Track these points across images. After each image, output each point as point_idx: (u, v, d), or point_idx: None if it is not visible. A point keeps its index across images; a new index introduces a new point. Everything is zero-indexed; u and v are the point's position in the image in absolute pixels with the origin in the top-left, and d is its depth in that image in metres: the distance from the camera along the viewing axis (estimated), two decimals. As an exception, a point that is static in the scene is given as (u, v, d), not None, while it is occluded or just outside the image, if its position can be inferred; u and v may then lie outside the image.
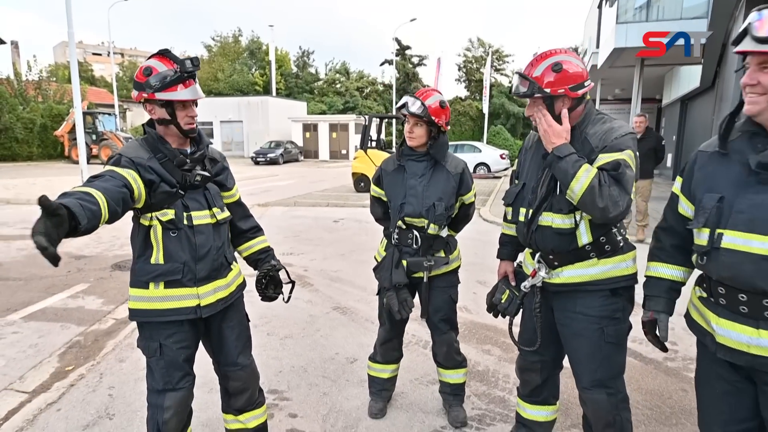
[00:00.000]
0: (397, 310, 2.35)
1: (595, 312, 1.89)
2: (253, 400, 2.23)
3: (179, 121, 1.88)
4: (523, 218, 1.99)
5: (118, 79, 38.67)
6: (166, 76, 1.82)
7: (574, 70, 1.82)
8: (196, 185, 1.92)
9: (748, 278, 1.37)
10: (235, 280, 2.11)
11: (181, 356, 1.94)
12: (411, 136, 2.34)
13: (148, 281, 1.89)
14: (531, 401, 2.28)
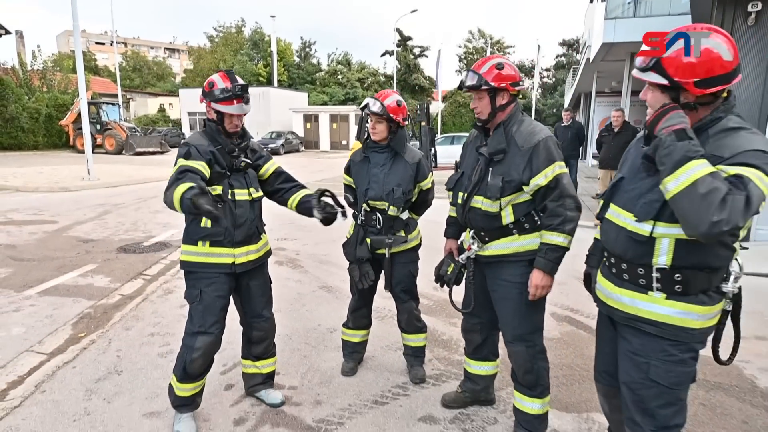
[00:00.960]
0: (358, 280, 2.77)
1: (517, 279, 2.29)
2: (270, 349, 2.80)
3: (225, 125, 2.48)
4: (460, 201, 2.39)
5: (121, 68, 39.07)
6: (215, 93, 2.40)
7: (511, 72, 2.23)
8: (239, 169, 2.50)
9: (611, 244, 1.76)
10: (263, 248, 2.66)
11: (217, 303, 2.46)
12: (374, 132, 2.74)
13: (197, 239, 2.44)
14: (474, 358, 2.69)
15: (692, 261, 1.59)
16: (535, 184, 2.17)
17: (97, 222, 7.99)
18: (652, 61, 1.58)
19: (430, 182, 2.94)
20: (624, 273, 1.72)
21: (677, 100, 1.57)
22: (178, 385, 2.50)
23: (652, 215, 1.59)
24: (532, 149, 2.17)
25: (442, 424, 2.65)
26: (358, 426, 2.62)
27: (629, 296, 1.71)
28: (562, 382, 3.09)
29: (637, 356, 1.69)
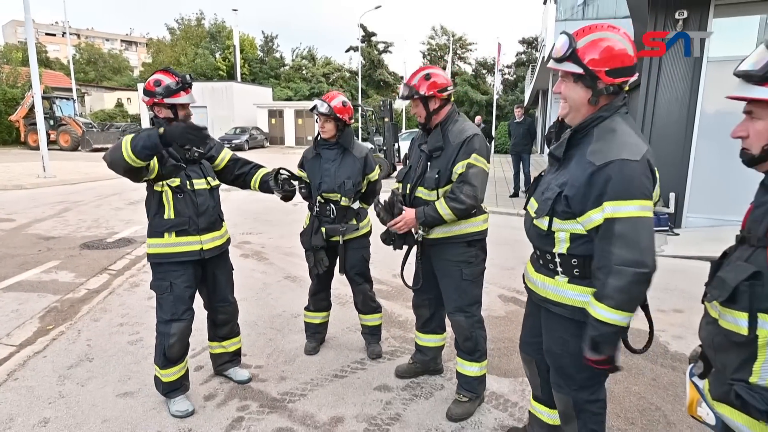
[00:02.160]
0: (314, 266, 3.06)
1: (456, 258, 2.61)
2: (234, 329, 3.02)
3: (179, 115, 2.59)
4: (408, 191, 2.69)
5: (75, 61, 37.58)
6: (170, 86, 2.51)
7: (440, 80, 2.54)
8: (194, 160, 2.64)
9: (527, 232, 2.06)
10: (225, 234, 2.86)
11: (186, 293, 2.65)
12: (323, 131, 3.02)
13: (163, 231, 2.58)
14: (423, 331, 3.01)
15: (583, 251, 1.75)
16: (455, 173, 2.50)
17: (57, 219, 7.92)
18: (569, 50, 1.69)
19: (377, 174, 3.25)
20: (539, 259, 1.97)
21: (594, 88, 1.69)
22: (163, 372, 2.68)
23: (547, 212, 1.77)
24: (460, 144, 2.49)
25: (395, 391, 2.95)
26: (319, 396, 2.89)
27: (542, 280, 1.94)
28: (503, 353, 3.46)
29: (554, 332, 1.94)
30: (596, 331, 1.63)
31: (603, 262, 1.61)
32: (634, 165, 1.60)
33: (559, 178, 1.79)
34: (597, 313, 1.62)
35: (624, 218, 1.58)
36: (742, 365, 1.19)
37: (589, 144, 1.72)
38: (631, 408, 2.81)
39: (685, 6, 6.67)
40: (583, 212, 1.68)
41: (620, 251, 1.56)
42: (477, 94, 36.65)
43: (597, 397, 1.95)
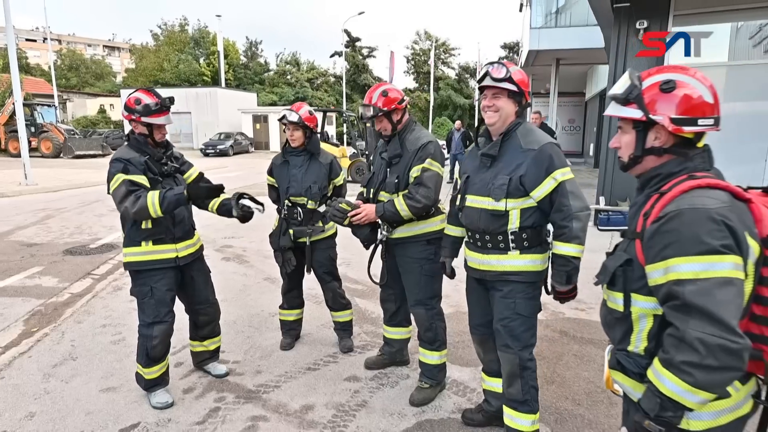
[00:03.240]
0: (282, 266, 3.27)
1: (417, 255, 2.84)
2: (215, 330, 3.20)
3: (155, 136, 2.76)
4: (371, 195, 2.92)
5: (56, 67, 37.25)
6: (150, 107, 2.66)
7: (394, 94, 2.80)
8: (169, 174, 2.82)
9: (475, 224, 2.32)
10: (198, 242, 3.05)
11: (167, 296, 2.81)
12: (293, 138, 3.24)
13: (140, 240, 2.73)
14: (390, 325, 3.23)
15: (530, 222, 2.22)
16: (411, 176, 2.74)
17: (40, 226, 7.99)
18: (507, 74, 2.16)
19: (342, 179, 3.48)
20: (488, 243, 2.30)
21: (520, 103, 2.23)
22: (145, 371, 2.86)
23: (504, 195, 2.19)
24: (416, 151, 2.74)
25: (363, 381, 3.17)
26: (292, 387, 3.10)
27: (496, 259, 2.29)
28: (467, 344, 3.69)
29: (507, 299, 2.29)
30: (570, 265, 2.16)
31: (566, 212, 2.14)
32: (557, 146, 2.25)
33: (503, 170, 2.22)
34: (570, 252, 2.15)
35: (569, 179, 2.16)
36: (623, 337, 1.42)
37: (516, 141, 2.23)
38: (579, 391, 3.06)
39: (645, 17, 7.02)
40: (535, 186, 2.16)
41: (575, 202, 2.14)
42: (460, 98, 37.17)
43: (532, 357, 2.37)
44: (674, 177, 1.33)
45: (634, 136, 1.40)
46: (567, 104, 21.50)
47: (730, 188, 1.26)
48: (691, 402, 1.19)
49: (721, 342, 1.13)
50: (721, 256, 1.16)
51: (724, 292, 1.16)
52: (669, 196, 1.28)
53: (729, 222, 1.18)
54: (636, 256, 1.34)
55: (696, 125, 1.31)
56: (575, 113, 21.81)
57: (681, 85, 1.32)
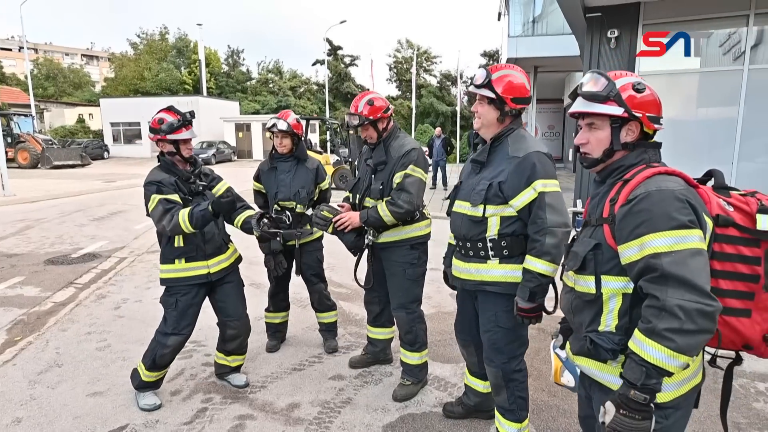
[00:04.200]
0: (273, 269, 3.35)
1: (401, 260, 2.94)
2: (242, 346, 3.16)
3: (182, 152, 2.83)
4: (357, 201, 3.02)
5: (33, 77, 36.64)
6: (173, 124, 2.77)
7: (380, 102, 2.89)
8: (199, 192, 2.89)
9: (458, 229, 2.36)
10: (233, 255, 3.09)
11: (190, 310, 2.88)
12: (281, 146, 3.34)
13: (174, 258, 2.82)
14: (374, 325, 3.32)
15: (510, 231, 2.19)
16: (394, 182, 2.84)
17: (20, 237, 7.90)
18: (486, 80, 2.17)
19: (328, 183, 3.59)
20: (469, 250, 2.31)
21: (501, 110, 2.19)
22: (146, 372, 2.91)
23: (481, 200, 2.19)
24: (400, 158, 2.83)
25: (348, 379, 3.26)
26: (278, 387, 3.17)
27: (475, 267, 2.30)
28: (448, 343, 3.81)
29: (488, 311, 2.31)
30: (535, 282, 2.07)
31: (540, 225, 2.08)
32: (545, 155, 2.18)
33: (487, 176, 2.23)
34: (538, 268, 2.07)
35: (549, 192, 2.09)
36: (593, 319, 1.50)
37: (505, 148, 2.22)
38: (554, 383, 3.19)
39: (616, 26, 7.30)
40: (515, 195, 2.13)
41: (551, 216, 2.07)
42: (442, 105, 37.54)
43: (520, 368, 2.37)
44: (634, 167, 1.48)
45: (609, 132, 1.51)
46: (546, 111, 21.95)
47: (682, 175, 1.42)
48: (672, 366, 1.28)
49: (698, 306, 1.24)
50: (690, 230, 1.30)
51: (696, 261, 1.28)
52: (635, 182, 1.40)
53: (691, 201, 1.33)
54: (605, 239, 1.45)
55: (659, 123, 1.49)
56: (554, 119, 22.26)
57: (648, 88, 1.49)
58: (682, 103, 7.90)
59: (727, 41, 7.67)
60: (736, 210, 1.39)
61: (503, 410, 2.39)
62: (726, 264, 1.37)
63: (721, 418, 1.57)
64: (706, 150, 7.72)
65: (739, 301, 1.38)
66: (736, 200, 1.41)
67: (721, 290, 1.37)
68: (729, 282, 1.37)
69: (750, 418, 2.83)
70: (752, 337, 1.39)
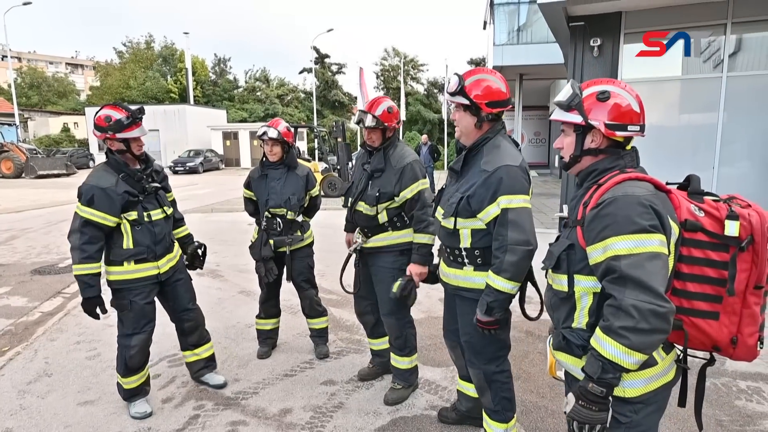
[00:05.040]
0: (264, 275, 3.38)
1: (390, 265, 2.98)
2: (204, 336, 3.24)
3: (133, 149, 2.77)
4: (349, 205, 3.06)
5: (17, 85, 36.18)
6: (122, 122, 2.67)
7: (397, 115, 2.93)
8: (150, 192, 2.83)
9: (439, 235, 2.43)
10: (177, 253, 3.10)
11: (146, 309, 2.87)
12: (272, 154, 3.38)
13: (123, 260, 2.76)
14: (374, 337, 3.32)
15: (482, 244, 2.19)
16: (403, 197, 2.86)
17: (5, 247, 7.80)
18: (458, 87, 2.14)
19: (318, 190, 3.63)
20: (450, 256, 2.37)
21: (478, 116, 2.15)
22: (124, 380, 2.91)
23: (452, 213, 2.18)
24: (402, 169, 2.85)
25: (339, 384, 3.29)
26: (270, 393, 3.19)
27: (454, 273, 2.35)
28: (438, 347, 3.85)
29: (466, 315, 2.33)
30: (492, 297, 2.07)
31: (500, 243, 2.06)
32: (516, 168, 2.11)
33: (461, 188, 2.23)
34: (495, 284, 2.06)
35: (513, 208, 2.04)
36: (567, 316, 1.57)
37: (481, 158, 2.20)
38: (543, 385, 3.25)
39: (598, 34, 7.48)
40: (481, 209, 2.11)
41: (513, 234, 2.03)
42: (429, 112, 37.83)
43: (503, 369, 2.39)
44: (608, 172, 1.53)
45: (574, 138, 1.59)
46: (532, 117, 22.22)
47: (653, 181, 1.47)
48: (627, 363, 1.34)
49: (651, 307, 1.30)
50: (650, 234, 1.35)
51: (653, 264, 1.33)
52: (605, 188, 1.46)
53: (655, 206, 1.38)
54: (577, 240, 1.51)
55: (626, 130, 1.52)
56: (540, 126, 22.54)
57: (614, 96, 1.52)
58: (664, 109, 8.10)
59: (707, 49, 7.89)
60: (707, 215, 1.42)
61: (489, 411, 2.42)
62: (694, 267, 1.42)
63: (695, 417, 1.62)
64: (688, 155, 7.91)
65: (706, 304, 1.42)
66: (708, 206, 1.44)
67: (688, 293, 1.42)
68: (697, 285, 1.42)
69: (732, 416, 2.91)
70: (720, 339, 1.43)
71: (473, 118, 2.19)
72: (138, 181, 2.78)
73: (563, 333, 1.57)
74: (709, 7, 7.18)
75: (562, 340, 1.56)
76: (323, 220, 5.80)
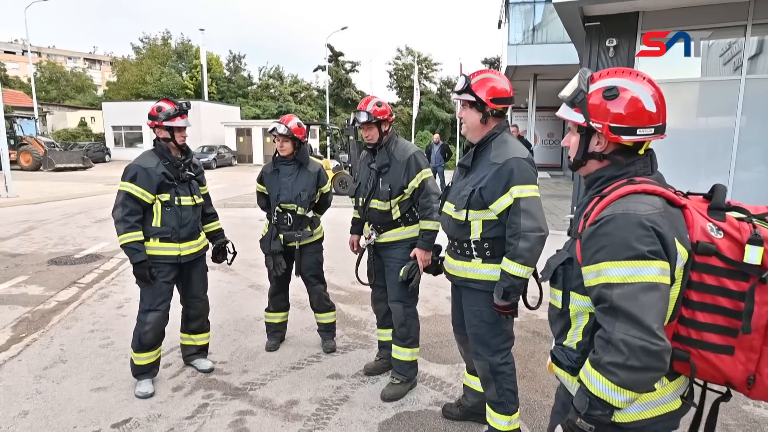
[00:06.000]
0: (273, 269, 3.44)
1: (401, 257, 3.02)
2: (204, 326, 3.44)
3: (176, 139, 3.07)
4: (360, 204, 3.12)
5: (36, 80, 36.86)
6: (170, 112, 3.00)
7: (387, 108, 3.01)
8: (185, 180, 3.10)
9: (446, 228, 2.49)
10: (202, 242, 3.30)
11: (163, 287, 3.08)
12: (282, 149, 3.43)
13: (150, 237, 3.02)
14: (383, 327, 3.36)
15: (493, 234, 2.29)
16: (411, 187, 2.94)
17: (23, 237, 7.98)
18: (465, 85, 2.26)
19: (329, 187, 3.69)
20: (457, 249, 2.43)
21: (483, 112, 2.26)
22: (136, 355, 3.09)
23: (464, 206, 2.27)
24: (407, 161, 2.94)
25: (345, 378, 3.33)
26: (277, 385, 3.24)
27: (461, 265, 2.41)
28: (444, 344, 3.88)
29: (473, 307, 2.41)
30: (508, 282, 2.17)
31: (514, 230, 2.17)
32: (524, 161, 2.24)
33: (471, 181, 2.32)
34: (510, 270, 2.16)
35: (525, 197, 2.16)
36: (561, 332, 1.46)
37: (489, 153, 2.31)
38: (548, 385, 3.27)
39: (614, 35, 7.43)
40: (494, 200, 2.21)
41: (525, 221, 2.15)
42: (442, 112, 37.73)
43: (507, 361, 2.45)
44: (616, 180, 1.36)
45: (579, 139, 1.43)
46: (546, 118, 22.05)
47: (665, 194, 1.28)
48: (617, 401, 1.23)
49: (642, 344, 1.16)
50: (648, 261, 1.19)
51: (648, 297, 1.19)
52: (606, 201, 1.30)
53: (658, 228, 1.21)
54: (576, 255, 1.37)
55: (634, 134, 1.31)
56: (554, 127, 22.36)
57: (623, 93, 1.31)
58: (681, 112, 7.99)
59: (727, 51, 7.77)
60: (726, 236, 1.23)
61: (493, 404, 2.46)
62: (705, 296, 1.24)
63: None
64: (704, 160, 7.81)
65: (718, 337, 1.25)
66: (729, 225, 1.24)
67: (697, 323, 1.26)
68: (708, 315, 1.25)
69: (739, 420, 2.90)
70: (734, 376, 1.26)
71: (479, 114, 2.31)
72: (176, 167, 3.07)
73: (552, 351, 1.49)
74: (729, 8, 7.08)
75: (552, 359, 1.48)
76: (334, 218, 5.85)
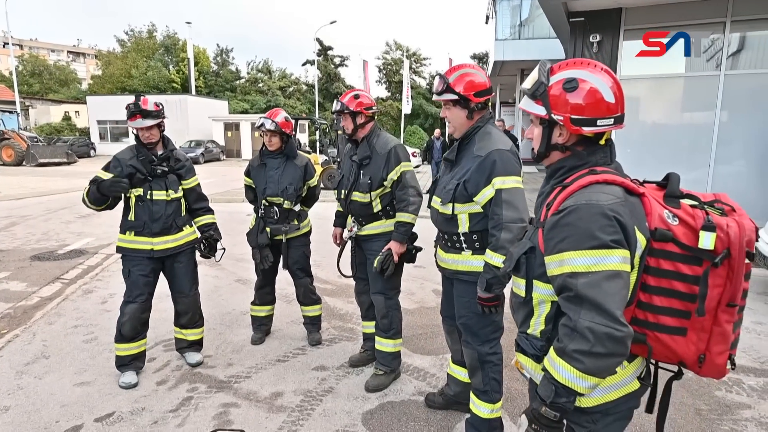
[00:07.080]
0: (260, 261, 3.44)
1: (382, 249, 3.05)
2: (194, 321, 3.42)
3: (141, 137, 3.09)
4: (342, 196, 3.13)
5: (18, 73, 36.12)
6: (126, 111, 3.03)
7: (366, 100, 3.02)
8: (159, 175, 3.10)
9: (435, 222, 2.51)
10: (183, 238, 3.25)
11: (140, 280, 3.13)
12: (270, 144, 3.44)
13: (126, 230, 3.14)
14: (368, 319, 3.39)
15: (480, 227, 2.32)
16: (390, 179, 2.96)
17: (5, 233, 7.87)
18: (445, 85, 2.25)
19: (316, 181, 3.69)
20: (447, 242, 2.47)
21: (467, 107, 2.27)
22: (117, 346, 3.15)
23: (449, 199, 2.33)
24: (387, 154, 2.96)
25: (330, 370, 3.36)
26: (262, 378, 3.26)
27: (452, 258, 2.46)
28: (429, 336, 3.93)
29: (463, 297, 2.45)
30: (491, 274, 2.18)
31: (496, 221, 2.19)
32: (507, 152, 2.26)
33: (456, 175, 2.36)
34: (493, 261, 2.18)
35: (507, 188, 2.18)
36: (524, 321, 1.48)
37: (473, 146, 2.33)
38: (530, 373, 3.32)
39: (598, 30, 7.51)
40: (477, 192, 2.24)
41: (507, 212, 2.17)
42: (431, 107, 37.76)
43: (495, 351, 2.50)
44: (577, 170, 1.38)
45: (541, 131, 1.43)
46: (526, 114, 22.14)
47: (625, 184, 1.32)
48: (581, 387, 1.25)
49: (607, 330, 1.19)
50: (611, 250, 1.23)
51: (612, 284, 1.22)
52: (569, 191, 1.32)
53: (620, 218, 1.24)
54: (538, 244, 1.39)
55: (595, 125, 1.34)
56: (536, 123, 22.48)
57: (583, 84, 1.33)
58: (662, 106, 8.12)
59: (710, 47, 7.89)
60: (681, 223, 1.27)
61: (478, 392, 2.51)
62: (662, 280, 1.29)
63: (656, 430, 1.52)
64: (685, 155, 7.94)
65: (673, 319, 1.30)
66: (684, 212, 1.29)
67: (654, 306, 1.30)
68: (664, 299, 1.29)
69: (711, 405, 2.98)
70: (686, 356, 1.32)
71: (464, 110, 2.33)
72: (149, 162, 3.08)
73: (516, 339, 1.52)
74: (709, 5, 7.20)
75: (516, 346, 1.51)
76: (321, 212, 5.86)
